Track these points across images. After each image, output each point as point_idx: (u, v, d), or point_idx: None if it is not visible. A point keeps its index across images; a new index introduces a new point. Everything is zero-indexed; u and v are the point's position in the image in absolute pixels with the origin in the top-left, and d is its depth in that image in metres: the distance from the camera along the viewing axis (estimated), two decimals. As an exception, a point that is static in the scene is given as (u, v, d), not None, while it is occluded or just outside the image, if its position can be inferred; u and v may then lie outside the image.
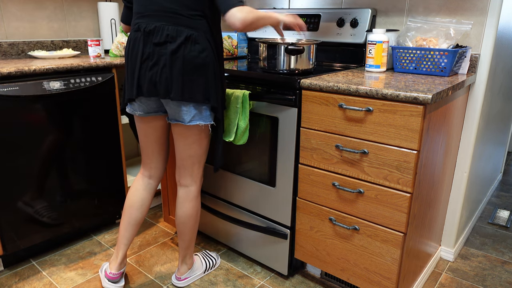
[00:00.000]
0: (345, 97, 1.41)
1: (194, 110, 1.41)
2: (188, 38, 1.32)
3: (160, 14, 1.33)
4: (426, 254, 1.74)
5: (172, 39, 1.32)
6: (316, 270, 1.82)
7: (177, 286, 1.74)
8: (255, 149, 1.72)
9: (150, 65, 1.34)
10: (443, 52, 1.56)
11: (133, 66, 1.37)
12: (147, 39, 1.34)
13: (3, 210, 1.70)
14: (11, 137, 1.66)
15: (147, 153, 1.59)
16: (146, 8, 1.35)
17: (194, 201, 1.61)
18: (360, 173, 1.44)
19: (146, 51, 1.34)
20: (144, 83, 1.36)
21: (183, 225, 1.63)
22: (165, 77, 1.34)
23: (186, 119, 1.42)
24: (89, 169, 1.97)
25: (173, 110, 1.43)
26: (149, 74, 1.35)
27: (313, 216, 1.62)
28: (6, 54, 2.14)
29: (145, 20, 1.35)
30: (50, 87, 1.74)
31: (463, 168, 1.83)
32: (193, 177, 1.58)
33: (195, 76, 1.35)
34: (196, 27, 1.34)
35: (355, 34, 1.89)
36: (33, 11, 2.20)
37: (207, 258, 1.84)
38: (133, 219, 1.62)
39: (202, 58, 1.35)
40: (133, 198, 1.62)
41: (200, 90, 1.37)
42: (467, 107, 1.76)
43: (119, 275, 1.65)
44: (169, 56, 1.32)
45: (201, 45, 1.34)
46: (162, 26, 1.32)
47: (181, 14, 1.33)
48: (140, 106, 1.48)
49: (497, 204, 2.55)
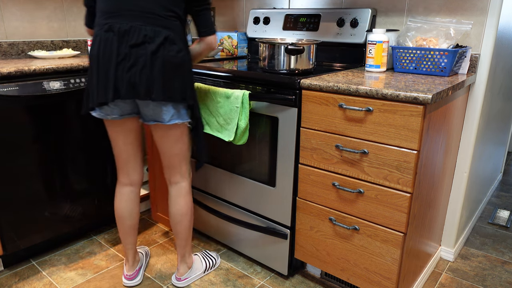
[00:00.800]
0: (345, 97, 1.41)
1: (173, 109, 1.42)
2: (167, 39, 1.32)
3: (135, 14, 1.30)
4: (426, 254, 1.74)
5: (150, 39, 1.30)
6: (316, 270, 1.82)
7: (178, 286, 1.74)
8: (255, 149, 1.72)
9: (127, 66, 1.30)
10: (443, 52, 1.56)
11: (106, 67, 1.31)
12: (121, 40, 1.30)
13: (3, 210, 1.70)
14: (11, 137, 1.66)
15: (123, 158, 1.56)
16: (118, 8, 1.31)
17: (187, 197, 1.61)
18: (360, 173, 1.44)
19: (121, 52, 1.30)
20: (122, 85, 1.31)
21: (179, 223, 1.63)
22: (145, 78, 1.31)
23: (166, 119, 1.42)
24: (89, 169, 1.97)
25: (152, 110, 1.42)
26: (127, 76, 1.31)
27: (313, 216, 1.62)
28: (6, 54, 2.14)
29: (117, 20, 1.31)
30: (50, 87, 1.74)
31: (463, 168, 1.83)
32: (182, 174, 1.59)
33: (174, 75, 1.35)
34: (172, 27, 1.35)
35: (355, 34, 1.89)
36: (33, 11, 2.20)
37: (207, 258, 1.85)
38: (127, 227, 1.65)
39: (180, 57, 1.35)
40: (120, 210, 1.63)
41: (178, 90, 1.37)
42: (467, 107, 1.76)
43: (135, 274, 1.74)
44: (149, 57, 1.30)
45: (178, 45, 1.35)
46: (138, 27, 1.30)
47: (158, 15, 1.32)
48: (114, 109, 1.43)
49: (497, 204, 2.55)
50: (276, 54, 1.63)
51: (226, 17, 2.56)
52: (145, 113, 1.44)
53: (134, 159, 1.58)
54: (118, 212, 1.63)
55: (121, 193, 1.62)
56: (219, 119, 1.70)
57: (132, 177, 1.60)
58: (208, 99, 1.72)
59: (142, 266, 1.81)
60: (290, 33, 2.12)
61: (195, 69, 1.87)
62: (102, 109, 1.42)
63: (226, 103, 1.65)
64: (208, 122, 1.75)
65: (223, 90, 1.66)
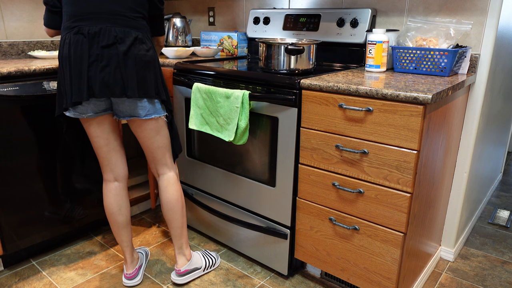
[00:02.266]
0: (345, 97, 1.41)
1: (148, 104, 1.48)
2: (136, 39, 1.40)
3: (104, 17, 1.36)
4: (426, 254, 1.75)
5: (121, 40, 1.37)
6: (316, 270, 1.82)
7: (178, 283, 1.73)
8: (255, 149, 1.72)
9: (100, 66, 1.36)
10: (443, 52, 1.56)
11: (79, 68, 1.36)
12: (92, 41, 1.35)
13: (3, 210, 1.70)
14: (11, 137, 1.66)
15: (104, 155, 1.59)
16: (86, 11, 1.36)
17: (176, 185, 1.65)
18: (360, 173, 1.44)
19: (93, 53, 1.35)
20: (96, 84, 1.37)
21: (171, 211, 1.65)
22: (120, 77, 1.38)
23: (142, 114, 1.49)
24: (89, 169, 1.97)
25: (128, 107, 1.47)
26: (100, 76, 1.36)
27: (313, 216, 1.62)
28: (6, 54, 2.14)
29: (86, 23, 1.36)
30: (50, 87, 1.74)
31: (463, 168, 1.83)
32: (167, 165, 1.64)
33: (146, 73, 1.43)
34: (139, 27, 1.43)
35: (355, 34, 1.89)
36: (33, 11, 2.20)
37: (207, 256, 1.84)
38: (119, 223, 1.67)
39: (150, 55, 1.43)
40: (109, 206, 1.64)
41: (152, 86, 1.45)
42: (467, 107, 1.76)
43: (135, 273, 1.75)
44: (121, 57, 1.37)
45: (147, 44, 1.43)
46: (108, 28, 1.36)
47: (127, 16, 1.39)
48: (88, 108, 1.46)
49: (497, 204, 2.55)
50: (276, 54, 1.63)
51: (226, 17, 2.56)
52: (120, 109, 1.49)
53: (115, 155, 1.60)
54: (108, 209, 1.64)
55: (108, 189, 1.63)
56: (219, 119, 1.70)
57: (116, 172, 1.62)
58: (208, 99, 1.72)
59: (142, 265, 1.81)
60: (290, 33, 2.12)
61: (195, 69, 1.87)
62: (77, 108, 1.45)
63: (226, 103, 1.65)
64: (208, 122, 1.76)
65: (223, 90, 1.66)
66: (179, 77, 1.93)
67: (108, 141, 1.56)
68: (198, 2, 2.68)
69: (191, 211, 2.13)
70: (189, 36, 2.56)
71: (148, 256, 1.93)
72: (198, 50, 2.25)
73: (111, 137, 1.57)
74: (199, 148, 1.98)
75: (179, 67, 1.94)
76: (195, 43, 2.76)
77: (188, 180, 2.09)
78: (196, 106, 1.78)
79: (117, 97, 1.40)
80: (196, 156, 2.00)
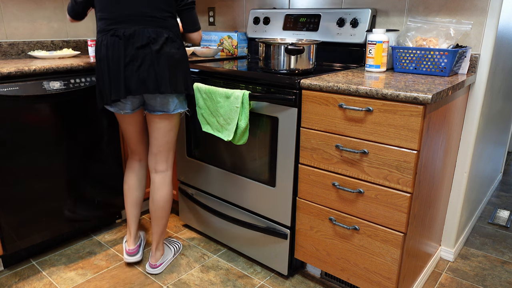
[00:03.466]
0: (345, 97, 1.41)
1: (177, 99, 1.60)
2: (168, 38, 1.50)
3: (137, 19, 1.47)
4: (426, 254, 1.75)
5: (154, 40, 1.47)
6: (316, 270, 1.82)
7: (153, 273, 1.82)
8: (255, 149, 1.72)
9: (136, 65, 1.47)
10: (443, 52, 1.56)
11: (117, 68, 1.48)
12: (127, 43, 1.46)
13: (3, 210, 1.70)
14: (11, 137, 1.66)
15: (134, 142, 1.77)
16: (119, 15, 1.47)
17: (171, 186, 1.76)
18: (360, 173, 1.44)
19: (128, 54, 1.47)
20: (132, 82, 1.49)
21: (161, 209, 1.74)
22: (153, 74, 1.49)
23: (171, 109, 1.60)
24: (89, 169, 1.97)
25: (159, 102, 1.58)
26: (136, 74, 1.48)
27: (313, 216, 1.62)
28: (6, 54, 2.14)
29: (120, 25, 1.47)
30: (50, 87, 1.74)
31: (463, 168, 1.83)
32: (168, 163, 1.73)
33: (177, 69, 1.53)
34: (169, 27, 1.52)
35: (355, 34, 1.89)
36: (33, 11, 2.20)
37: (173, 244, 1.98)
38: (134, 199, 1.83)
39: (180, 53, 1.54)
40: (130, 181, 1.81)
41: (181, 82, 1.55)
42: (467, 107, 1.76)
43: (136, 249, 1.87)
44: (154, 55, 1.47)
45: (177, 42, 1.53)
46: (141, 30, 1.46)
47: (157, 17, 1.49)
48: (126, 105, 1.60)
49: (497, 204, 2.55)
50: (276, 54, 1.63)
51: (226, 17, 2.56)
52: (152, 105, 1.60)
53: (143, 143, 1.79)
54: (128, 184, 1.81)
55: (132, 167, 1.82)
56: (219, 119, 1.70)
57: (141, 155, 1.82)
58: (208, 99, 1.72)
59: (142, 243, 1.96)
60: (290, 33, 2.12)
61: (195, 69, 1.87)
62: (116, 105, 1.61)
63: (226, 103, 1.65)
64: (209, 122, 1.76)
65: (223, 90, 1.66)
66: (179, 77, 1.93)
67: (137, 133, 1.74)
68: (198, 2, 2.68)
69: (191, 211, 2.13)
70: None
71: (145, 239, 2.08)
72: (198, 50, 2.25)
73: (140, 130, 1.74)
74: (199, 148, 1.98)
75: (179, 67, 1.94)
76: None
77: (188, 180, 2.09)
78: (197, 106, 1.78)
79: (151, 93, 1.51)
80: (196, 156, 2.00)
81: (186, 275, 1.82)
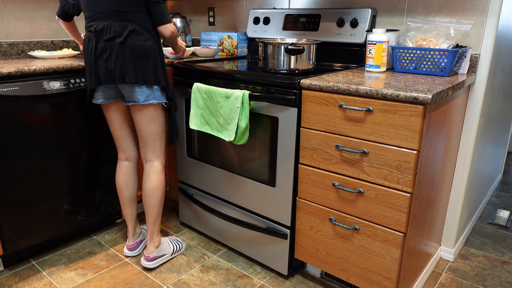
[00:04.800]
0: (345, 97, 1.41)
1: (147, 90, 1.62)
2: (132, 31, 1.55)
3: (107, 15, 1.56)
4: (426, 254, 1.75)
5: (119, 33, 1.54)
6: (316, 270, 1.82)
7: (146, 267, 1.84)
8: (255, 149, 1.72)
9: (104, 57, 1.56)
10: (443, 52, 1.56)
11: (90, 60, 1.59)
12: (98, 37, 1.56)
13: (3, 210, 1.70)
14: (11, 137, 1.66)
15: (117, 137, 1.80)
16: (93, 13, 1.57)
17: (160, 174, 1.77)
18: (360, 173, 1.44)
19: (99, 47, 1.56)
20: (101, 73, 1.58)
21: (150, 198, 1.77)
22: (119, 66, 1.56)
23: (141, 99, 1.62)
24: (89, 169, 1.97)
25: (128, 92, 1.63)
26: (104, 65, 1.57)
27: (313, 216, 1.62)
28: (6, 54, 2.14)
29: (95, 22, 1.58)
30: (50, 87, 1.74)
31: (463, 168, 1.83)
32: (156, 153, 1.76)
33: (144, 60, 1.57)
34: (136, 20, 1.57)
35: (355, 34, 1.89)
36: (33, 11, 2.20)
37: (174, 242, 1.97)
38: (125, 199, 1.86)
39: (148, 45, 1.58)
40: (119, 182, 1.85)
41: (150, 73, 1.59)
42: (467, 107, 1.76)
43: (136, 245, 1.94)
44: (118, 47, 1.54)
45: (144, 36, 1.58)
46: (110, 24, 1.55)
47: (124, 11, 1.55)
48: (100, 95, 1.68)
49: (497, 204, 2.55)
50: (276, 54, 1.63)
51: (226, 17, 2.56)
52: (125, 96, 1.66)
53: (126, 138, 1.80)
54: (118, 184, 1.85)
55: (119, 167, 1.84)
56: (219, 119, 1.70)
57: (127, 153, 1.83)
58: (208, 99, 1.72)
59: (143, 240, 1.99)
60: (290, 33, 2.12)
61: (196, 69, 1.87)
62: (94, 95, 1.69)
63: (226, 103, 1.65)
64: (209, 122, 1.76)
65: (223, 90, 1.66)
66: (179, 77, 1.93)
67: (121, 126, 1.77)
68: (198, 2, 2.68)
69: (191, 211, 2.13)
70: (189, 36, 2.56)
71: None
72: (198, 50, 2.25)
73: (121, 122, 1.76)
74: (199, 148, 1.98)
75: (179, 67, 1.94)
76: (195, 43, 2.76)
77: (188, 180, 2.09)
78: (196, 106, 1.78)
79: (117, 83, 1.58)
80: (196, 156, 2.00)
81: (186, 275, 1.82)
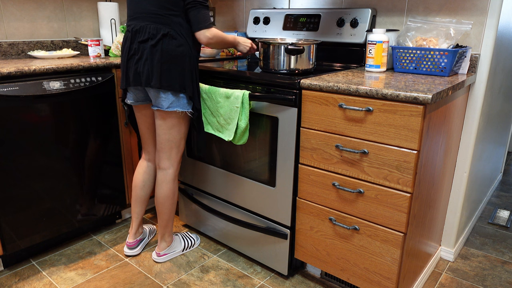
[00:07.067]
0: (345, 97, 1.41)
1: (173, 97, 1.59)
2: (166, 35, 1.53)
3: (144, 16, 1.55)
4: (426, 254, 1.75)
5: (153, 36, 1.53)
6: (316, 270, 1.82)
7: (156, 261, 1.90)
8: (255, 149, 1.72)
9: (136, 59, 1.56)
10: (443, 52, 1.56)
11: (123, 60, 1.61)
12: (133, 38, 1.57)
13: (3, 210, 1.70)
14: (11, 137, 1.66)
15: (143, 138, 1.83)
16: (134, 12, 1.58)
17: (171, 183, 1.77)
18: (360, 173, 1.44)
19: (132, 48, 1.57)
20: (131, 74, 1.59)
21: (161, 205, 1.80)
22: (147, 68, 1.55)
23: (165, 105, 1.60)
24: (89, 169, 1.97)
25: (154, 97, 1.62)
26: (134, 67, 1.57)
27: (313, 216, 1.62)
28: (6, 54, 2.14)
29: (134, 22, 1.58)
30: (50, 87, 1.74)
31: (463, 168, 1.83)
32: (170, 161, 1.74)
33: (172, 66, 1.55)
34: (171, 24, 1.54)
35: (355, 34, 1.89)
36: (33, 11, 2.20)
37: (187, 238, 2.01)
38: (138, 197, 1.89)
39: (179, 51, 1.55)
40: (136, 180, 1.88)
41: (176, 79, 1.56)
42: (467, 107, 1.76)
43: (135, 243, 1.95)
44: (149, 50, 1.53)
45: (178, 40, 1.54)
46: (145, 26, 1.54)
47: (160, 14, 1.53)
48: (130, 95, 1.70)
49: (497, 204, 2.55)
50: (276, 54, 1.63)
51: (226, 17, 2.56)
52: (152, 99, 1.65)
53: (151, 141, 1.83)
54: (134, 181, 1.88)
55: (140, 166, 1.88)
56: (220, 119, 1.70)
57: (151, 155, 1.87)
58: (209, 99, 1.72)
59: (143, 240, 2.01)
60: (290, 33, 2.12)
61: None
62: (127, 94, 1.72)
63: (226, 103, 1.65)
64: (209, 122, 1.76)
65: (223, 90, 1.66)
66: (179, 77, 1.93)
67: (147, 128, 1.80)
68: (198, 2, 2.68)
69: (191, 211, 2.13)
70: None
71: (153, 234, 2.11)
72: (198, 50, 2.25)
73: (149, 126, 1.79)
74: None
75: (179, 67, 1.94)
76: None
77: (188, 180, 2.09)
78: (196, 106, 1.78)
79: (143, 86, 1.58)
80: (196, 156, 2.00)
81: (186, 275, 1.82)
